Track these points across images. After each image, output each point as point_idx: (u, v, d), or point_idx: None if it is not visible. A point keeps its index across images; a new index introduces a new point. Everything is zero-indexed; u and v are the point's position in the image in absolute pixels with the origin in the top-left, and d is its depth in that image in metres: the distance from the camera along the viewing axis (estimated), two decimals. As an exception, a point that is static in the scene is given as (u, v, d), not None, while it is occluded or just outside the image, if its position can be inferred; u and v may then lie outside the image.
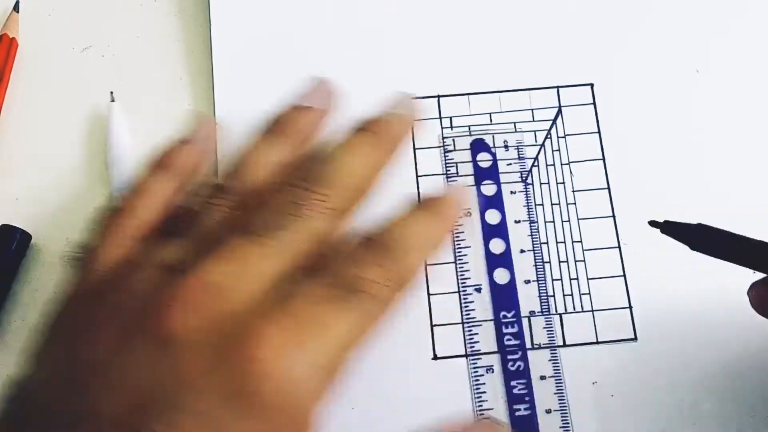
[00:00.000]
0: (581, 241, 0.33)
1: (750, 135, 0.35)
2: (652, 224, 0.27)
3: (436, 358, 0.31)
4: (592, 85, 0.35)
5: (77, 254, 0.27)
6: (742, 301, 0.32)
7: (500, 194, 0.34)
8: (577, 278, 0.33)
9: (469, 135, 0.34)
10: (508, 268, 0.33)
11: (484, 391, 0.31)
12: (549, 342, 0.32)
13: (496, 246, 0.33)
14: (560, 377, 0.31)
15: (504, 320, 0.32)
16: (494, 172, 0.34)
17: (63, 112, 0.35)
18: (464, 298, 0.32)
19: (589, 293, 0.32)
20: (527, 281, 0.32)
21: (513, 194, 0.34)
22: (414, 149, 0.34)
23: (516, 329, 0.32)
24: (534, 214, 0.33)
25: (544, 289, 0.32)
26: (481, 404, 0.31)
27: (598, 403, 0.31)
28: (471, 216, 0.33)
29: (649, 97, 0.35)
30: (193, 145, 0.30)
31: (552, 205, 0.34)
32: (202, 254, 0.25)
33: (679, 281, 0.32)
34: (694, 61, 0.36)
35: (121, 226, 0.27)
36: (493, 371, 0.31)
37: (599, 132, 0.35)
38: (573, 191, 0.34)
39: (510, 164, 0.34)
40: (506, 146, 0.34)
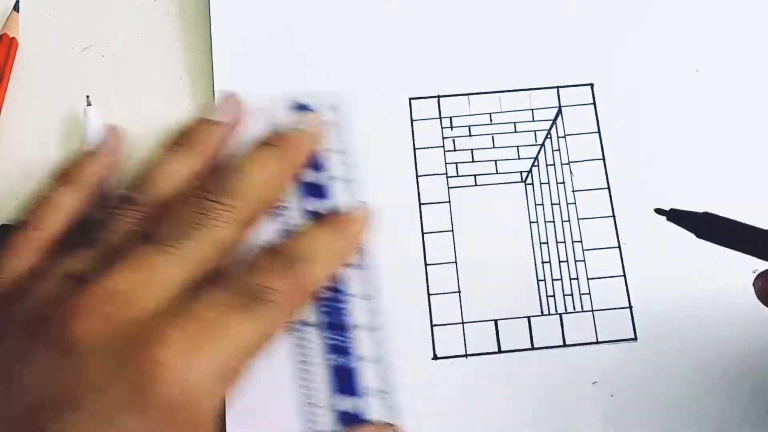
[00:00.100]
0: (581, 241, 0.33)
1: (750, 135, 0.35)
2: (659, 212, 0.27)
3: (436, 358, 0.31)
4: (592, 85, 0.35)
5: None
6: (742, 301, 0.32)
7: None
8: (577, 278, 0.33)
9: (469, 135, 0.34)
10: None
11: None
12: (550, 343, 0.32)
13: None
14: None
15: None
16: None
17: (62, 111, 0.35)
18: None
19: (589, 293, 0.32)
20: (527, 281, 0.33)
21: (513, 194, 0.34)
22: (414, 149, 0.34)
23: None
24: (534, 213, 0.33)
25: (544, 289, 0.33)
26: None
27: (598, 404, 0.31)
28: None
29: (650, 97, 0.35)
30: (100, 157, 0.30)
31: (552, 204, 0.34)
32: (107, 264, 0.26)
33: (680, 281, 0.32)
34: (695, 61, 0.36)
35: (27, 238, 0.28)
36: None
37: (599, 132, 0.34)
38: (573, 191, 0.34)
39: (510, 164, 0.34)
40: (506, 146, 0.34)
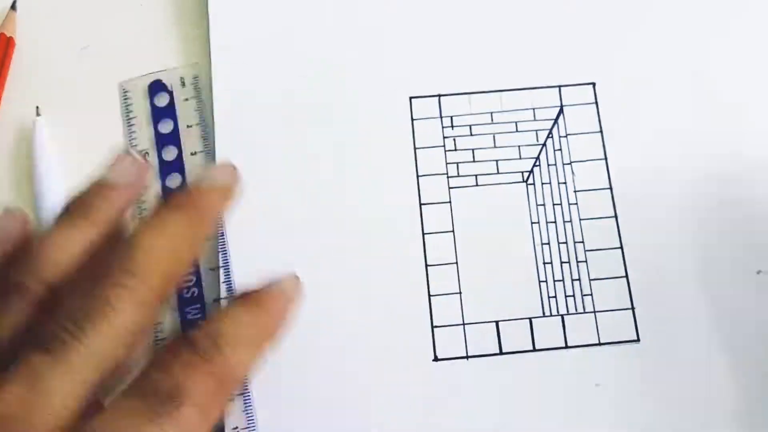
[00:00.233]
0: (583, 242, 0.33)
1: (751, 135, 0.34)
2: None
3: (436, 359, 0.31)
4: (594, 85, 0.35)
5: None
6: (744, 302, 0.32)
7: (177, 131, 0.34)
8: (579, 279, 0.32)
9: (470, 135, 0.34)
10: None
11: (159, 322, 0.31)
12: (552, 345, 0.31)
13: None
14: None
15: None
16: (171, 111, 0.34)
17: (61, 111, 0.35)
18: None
19: (591, 294, 0.32)
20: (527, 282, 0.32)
21: (514, 194, 0.33)
22: (414, 149, 0.34)
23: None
24: (536, 214, 0.33)
25: (546, 290, 0.32)
26: (156, 335, 0.31)
27: (601, 405, 0.31)
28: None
29: (651, 97, 0.35)
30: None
31: (554, 205, 0.33)
32: None
33: (682, 282, 0.32)
34: (696, 61, 0.35)
35: None
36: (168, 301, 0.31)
37: (601, 131, 0.34)
38: (575, 191, 0.34)
39: (512, 164, 0.34)
40: (508, 146, 0.34)
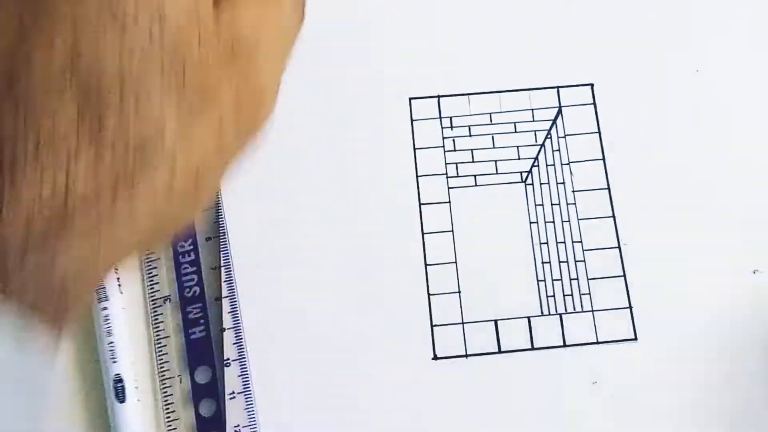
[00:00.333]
0: (581, 242, 0.33)
1: (750, 135, 0.35)
2: None
3: (436, 358, 0.31)
4: (592, 86, 0.35)
5: None
6: (742, 301, 0.32)
7: None
8: (577, 278, 0.33)
9: (469, 136, 0.34)
10: None
11: (161, 321, 0.32)
12: (550, 343, 0.32)
13: None
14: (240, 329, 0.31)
15: (181, 249, 0.32)
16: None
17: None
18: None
19: (589, 293, 0.32)
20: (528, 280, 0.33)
21: (513, 194, 0.34)
22: (414, 149, 0.34)
23: (192, 257, 0.32)
24: (534, 214, 0.33)
25: (544, 289, 0.33)
26: (158, 333, 0.31)
27: (598, 404, 0.31)
28: None
29: (649, 97, 0.35)
30: None
31: (552, 205, 0.34)
32: None
33: (679, 281, 0.32)
34: (694, 61, 0.36)
35: None
36: (170, 300, 0.32)
37: (599, 132, 0.34)
38: (573, 191, 0.34)
39: (510, 164, 0.34)
40: (506, 146, 0.34)
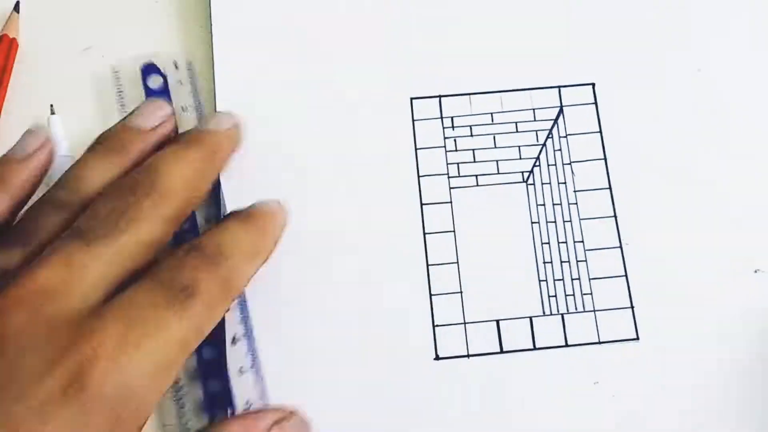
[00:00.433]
0: (583, 241, 0.33)
1: (752, 134, 0.35)
2: None
3: (438, 358, 0.31)
4: (593, 85, 0.35)
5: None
6: (744, 301, 0.32)
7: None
8: (578, 278, 0.33)
9: (471, 136, 0.34)
10: None
11: None
12: (552, 343, 0.32)
13: None
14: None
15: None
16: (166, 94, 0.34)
17: (64, 112, 0.35)
18: None
19: (591, 293, 0.32)
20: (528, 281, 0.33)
21: (514, 194, 0.34)
22: (415, 149, 0.34)
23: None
24: (536, 214, 0.33)
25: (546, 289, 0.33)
26: None
27: (600, 404, 0.31)
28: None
29: (651, 97, 0.35)
30: (26, 162, 0.30)
31: (553, 205, 0.34)
32: (31, 262, 0.26)
33: (681, 281, 0.32)
34: (696, 61, 0.36)
35: None
36: None
37: (601, 132, 0.34)
38: (574, 191, 0.34)
39: (512, 164, 0.34)
40: (508, 146, 0.34)
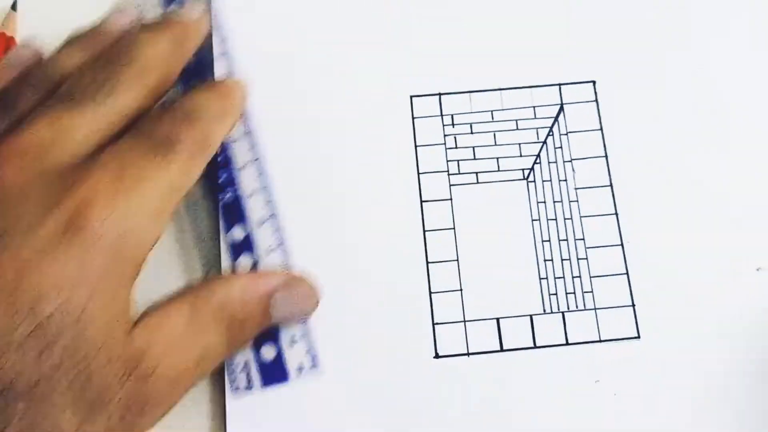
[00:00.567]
0: (583, 239, 0.33)
1: (753, 132, 0.35)
2: None
3: (437, 356, 0.31)
4: (594, 83, 0.35)
5: None
6: (745, 299, 0.32)
7: None
8: (579, 276, 0.32)
9: (471, 133, 0.34)
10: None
11: None
12: (552, 342, 0.32)
13: None
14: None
15: None
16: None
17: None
18: None
19: (592, 291, 0.32)
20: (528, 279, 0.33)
21: (515, 192, 0.34)
22: (415, 146, 0.34)
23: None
24: (536, 211, 0.33)
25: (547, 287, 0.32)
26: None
27: (601, 402, 0.31)
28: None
29: (652, 95, 0.35)
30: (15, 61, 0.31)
31: (554, 202, 0.33)
32: (18, 125, 0.27)
33: (682, 279, 0.32)
34: (696, 59, 0.35)
35: None
36: None
37: (601, 129, 0.34)
38: (575, 189, 0.34)
39: (512, 161, 0.34)
40: (508, 143, 0.34)
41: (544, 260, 0.33)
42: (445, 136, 0.34)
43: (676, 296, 0.32)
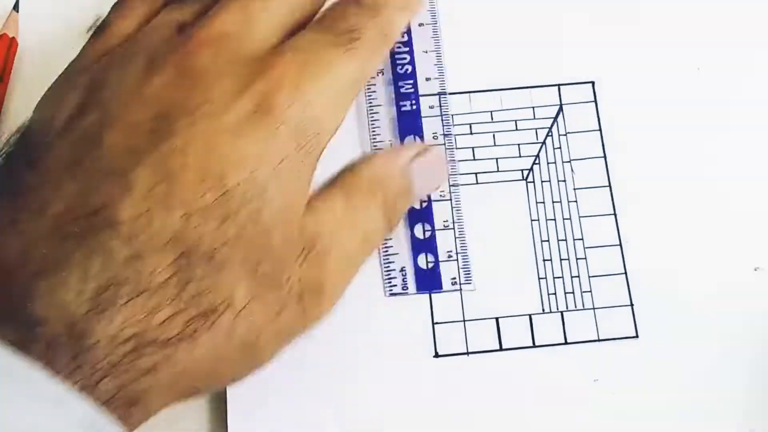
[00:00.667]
0: (582, 239, 0.33)
1: (752, 133, 0.35)
2: None
3: (437, 356, 0.31)
4: (593, 83, 0.35)
5: (94, 27, 0.30)
6: (743, 299, 0.32)
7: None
8: (578, 276, 0.33)
9: (470, 134, 0.34)
10: None
11: (374, 92, 0.34)
12: (551, 341, 0.32)
13: None
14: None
15: None
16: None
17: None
18: None
19: (591, 291, 0.32)
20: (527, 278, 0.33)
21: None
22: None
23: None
24: (535, 211, 0.33)
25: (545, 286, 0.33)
26: (370, 103, 0.34)
27: (599, 401, 0.31)
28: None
29: (651, 95, 0.35)
30: None
31: (553, 202, 0.34)
32: (209, 13, 0.28)
33: (681, 279, 0.32)
34: (696, 59, 0.36)
35: (136, 4, 0.30)
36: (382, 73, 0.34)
37: (600, 130, 0.34)
38: (574, 189, 0.34)
39: (511, 162, 0.34)
40: (508, 144, 0.34)
41: (543, 260, 0.33)
42: (445, 136, 0.34)
43: (674, 296, 0.32)
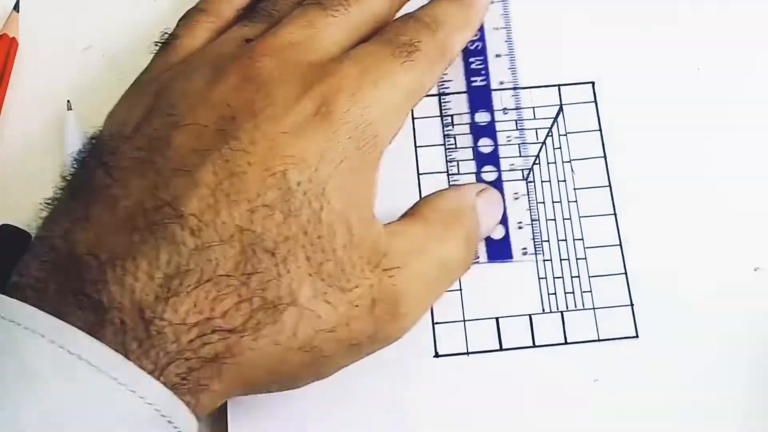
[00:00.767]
0: (582, 239, 0.33)
1: (752, 133, 0.35)
2: None
3: (437, 355, 0.31)
4: (593, 84, 0.35)
5: (162, 40, 0.31)
6: (743, 299, 0.32)
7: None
8: (578, 276, 0.33)
9: (470, 134, 0.34)
10: None
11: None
12: (551, 341, 0.32)
13: None
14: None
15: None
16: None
17: (62, 112, 0.35)
18: None
19: (591, 291, 0.32)
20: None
21: (514, 192, 0.34)
22: (415, 147, 0.34)
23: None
24: (535, 211, 0.33)
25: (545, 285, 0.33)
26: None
27: (599, 401, 0.31)
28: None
29: (651, 95, 0.35)
30: None
31: (553, 202, 0.34)
32: (276, 26, 0.29)
33: (681, 278, 0.32)
34: (696, 59, 0.36)
35: (201, 22, 0.31)
36: None
37: (600, 130, 0.34)
38: (574, 189, 0.34)
39: (511, 162, 0.34)
40: (508, 143, 0.34)
41: (543, 260, 0.33)
42: (444, 136, 0.34)
43: (674, 296, 0.32)
